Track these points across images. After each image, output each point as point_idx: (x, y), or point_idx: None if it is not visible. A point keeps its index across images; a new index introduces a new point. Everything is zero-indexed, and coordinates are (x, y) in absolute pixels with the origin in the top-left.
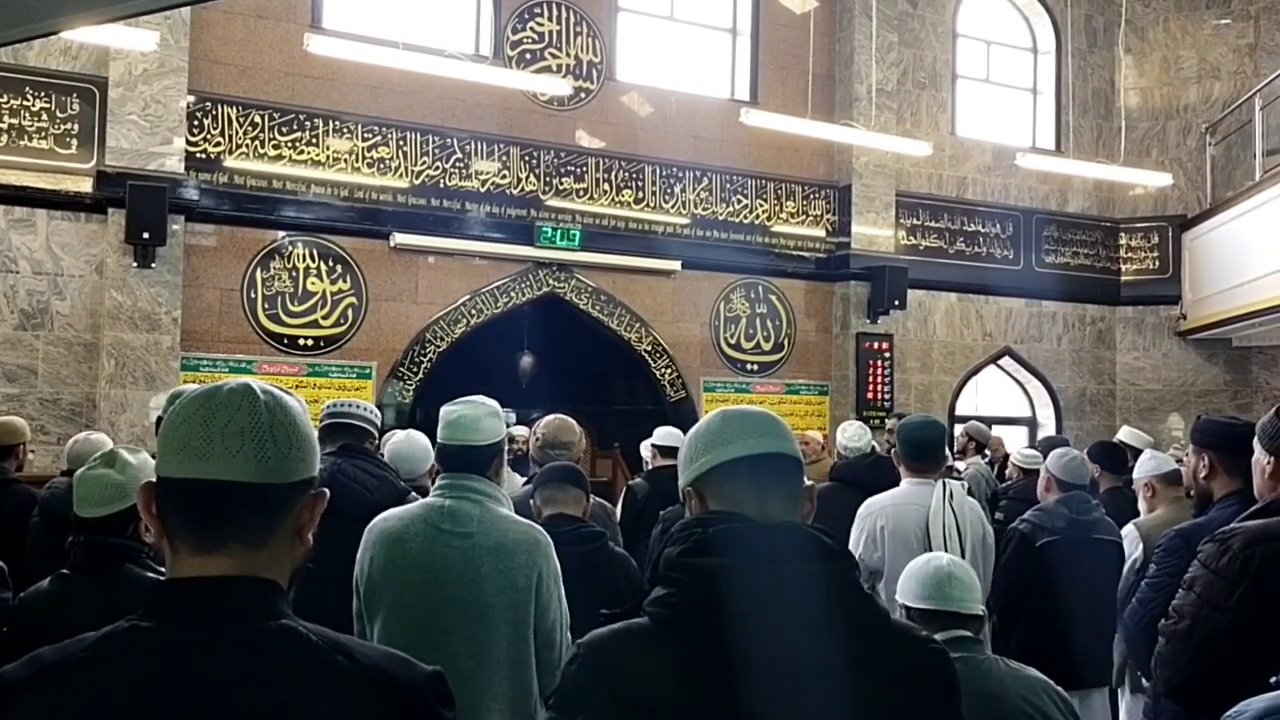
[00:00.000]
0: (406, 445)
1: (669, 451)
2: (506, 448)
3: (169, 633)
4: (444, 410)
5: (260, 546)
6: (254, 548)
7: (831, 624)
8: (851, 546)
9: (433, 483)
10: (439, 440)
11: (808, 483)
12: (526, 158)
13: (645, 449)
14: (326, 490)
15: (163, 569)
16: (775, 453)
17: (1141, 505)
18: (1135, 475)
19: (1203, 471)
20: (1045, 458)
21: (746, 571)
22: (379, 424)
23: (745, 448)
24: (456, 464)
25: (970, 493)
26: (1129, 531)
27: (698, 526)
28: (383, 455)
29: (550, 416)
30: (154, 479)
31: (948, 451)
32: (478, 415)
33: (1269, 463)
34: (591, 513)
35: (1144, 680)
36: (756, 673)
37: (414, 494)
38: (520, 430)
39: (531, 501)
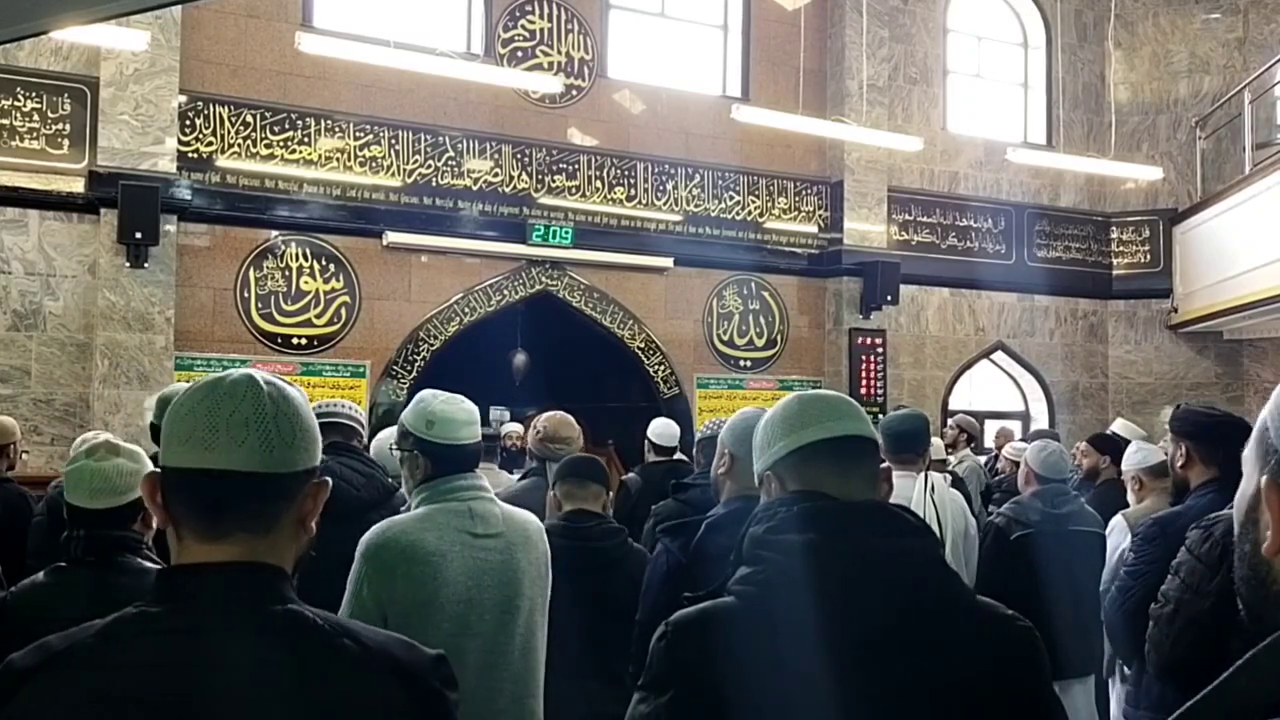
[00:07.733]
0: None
1: (662, 449)
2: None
3: (176, 617)
4: (432, 409)
5: (265, 534)
6: (259, 535)
7: (918, 598)
8: None
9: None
10: (431, 439)
11: (884, 465)
12: (518, 155)
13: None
14: (329, 479)
15: (158, 561)
16: (854, 435)
17: (1130, 497)
18: (1123, 467)
19: (1180, 460)
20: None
21: (833, 547)
22: (365, 423)
23: (824, 430)
24: (463, 463)
25: (956, 485)
26: (1117, 522)
27: (781, 506)
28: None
29: (550, 412)
30: (156, 469)
31: (940, 445)
32: (472, 411)
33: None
34: None
35: (1125, 668)
36: (844, 646)
37: (401, 491)
38: (514, 427)
39: (551, 494)
